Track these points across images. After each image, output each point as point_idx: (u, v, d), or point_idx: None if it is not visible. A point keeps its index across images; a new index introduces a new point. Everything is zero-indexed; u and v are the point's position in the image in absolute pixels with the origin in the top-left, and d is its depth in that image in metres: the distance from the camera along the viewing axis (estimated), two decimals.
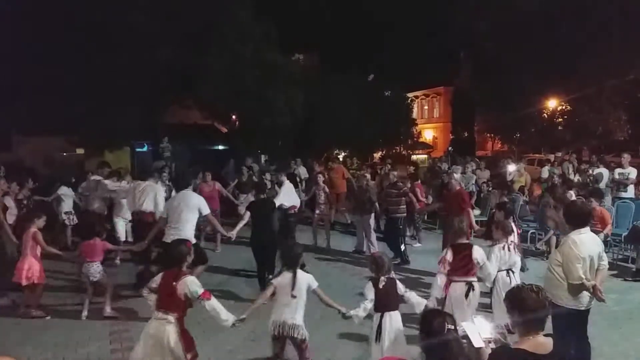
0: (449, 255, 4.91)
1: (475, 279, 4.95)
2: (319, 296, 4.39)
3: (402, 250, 8.82)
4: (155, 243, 6.63)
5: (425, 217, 12.30)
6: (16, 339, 5.54)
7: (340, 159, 25.92)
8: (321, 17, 32.29)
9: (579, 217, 4.36)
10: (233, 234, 6.89)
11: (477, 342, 2.86)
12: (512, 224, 6.02)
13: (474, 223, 8.10)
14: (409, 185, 9.93)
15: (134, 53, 14.45)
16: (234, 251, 9.14)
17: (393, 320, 4.21)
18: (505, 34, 22.39)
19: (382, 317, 4.20)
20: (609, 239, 8.58)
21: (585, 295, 4.22)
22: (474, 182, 13.02)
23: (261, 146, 21.04)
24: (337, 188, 12.31)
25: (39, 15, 13.24)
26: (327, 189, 10.17)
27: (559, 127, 25.42)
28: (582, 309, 4.28)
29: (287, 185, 8.89)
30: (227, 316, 4.10)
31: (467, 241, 5.13)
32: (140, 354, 3.98)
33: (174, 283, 3.97)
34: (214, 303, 4.07)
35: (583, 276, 4.13)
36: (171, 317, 3.97)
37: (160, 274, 4.17)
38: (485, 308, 5.52)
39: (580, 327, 4.36)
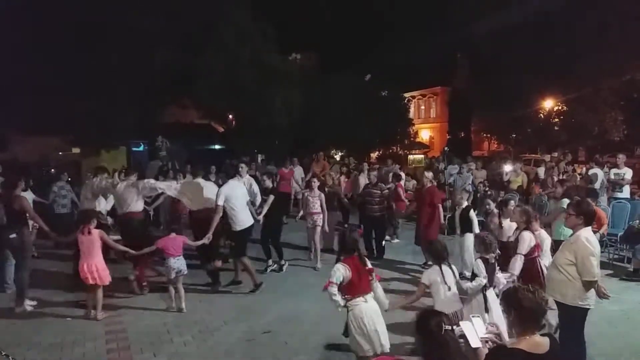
0: (533, 239, 5.35)
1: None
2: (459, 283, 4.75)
3: (383, 245, 9.24)
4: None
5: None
6: (12, 339, 5.51)
7: (337, 159, 25.93)
8: (319, 17, 32.33)
9: (590, 215, 4.39)
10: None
11: (475, 342, 2.86)
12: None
13: (442, 219, 8.46)
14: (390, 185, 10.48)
15: (131, 53, 14.42)
16: None
17: (492, 294, 4.74)
18: (502, 34, 22.46)
19: (487, 291, 4.70)
20: (604, 239, 8.61)
21: (593, 292, 4.25)
22: (470, 181, 13.03)
23: (258, 146, 21.03)
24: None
25: (37, 15, 13.19)
26: (322, 197, 8.81)
27: (555, 128, 25.51)
28: (591, 306, 4.31)
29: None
30: (386, 300, 4.47)
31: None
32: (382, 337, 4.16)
33: (362, 267, 4.23)
34: (379, 285, 4.44)
35: (599, 272, 4.18)
36: (371, 294, 4.25)
37: (342, 266, 4.17)
38: None
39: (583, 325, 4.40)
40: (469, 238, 7.69)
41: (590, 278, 4.16)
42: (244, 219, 7.10)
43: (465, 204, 7.89)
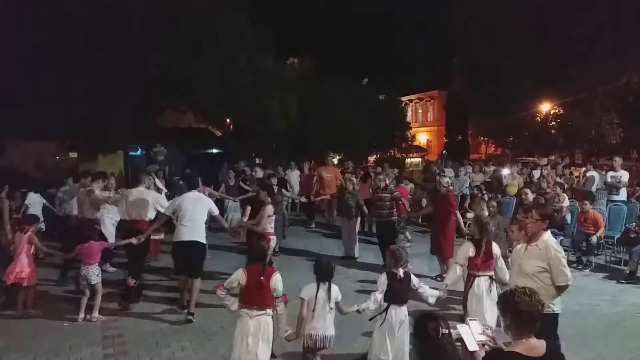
0: (471, 251, 5.08)
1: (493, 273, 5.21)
2: (338, 308, 4.49)
3: None
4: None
5: (420, 220, 12.37)
6: (8, 344, 5.48)
7: (335, 162, 25.95)
8: (316, 21, 32.45)
9: (552, 217, 4.29)
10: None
11: (472, 346, 2.86)
12: None
13: (462, 225, 8.15)
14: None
15: (128, 57, 14.41)
16: (223, 257, 9.18)
17: (400, 313, 4.45)
18: (499, 38, 22.54)
19: (387, 308, 4.44)
20: (601, 241, 8.65)
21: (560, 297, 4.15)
22: (467, 185, 13.07)
23: (256, 150, 21.05)
24: (331, 189, 12.21)
25: (33, 19, 13.18)
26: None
27: (552, 131, 25.58)
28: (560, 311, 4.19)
29: None
30: (286, 327, 4.30)
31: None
32: (239, 355, 4.10)
33: (262, 278, 4.09)
34: (284, 309, 4.26)
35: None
36: (269, 311, 4.16)
37: (241, 271, 4.18)
38: None
39: None
40: None
41: (566, 282, 4.02)
42: (182, 233, 6.36)
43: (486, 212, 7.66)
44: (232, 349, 4.22)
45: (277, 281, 4.19)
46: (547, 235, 4.14)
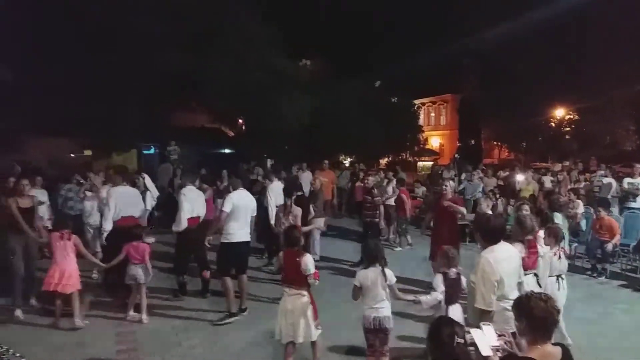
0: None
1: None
2: (393, 292, 4.57)
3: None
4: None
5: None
6: (26, 339, 5.55)
7: (347, 165, 25.92)
8: (329, 23, 32.43)
9: (488, 231, 3.77)
10: None
11: (485, 350, 2.83)
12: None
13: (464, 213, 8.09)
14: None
15: (141, 56, 14.55)
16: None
17: (456, 313, 4.50)
18: (513, 42, 22.41)
19: (447, 309, 4.54)
20: (617, 249, 8.54)
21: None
22: (480, 189, 12.98)
23: (267, 150, 21.10)
24: (327, 192, 12.19)
25: (48, 17, 13.36)
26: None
27: (566, 137, 25.37)
28: None
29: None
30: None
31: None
32: (283, 329, 4.55)
33: (298, 259, 4.49)
34: (315, 284, 4.56)
35: (493, 301, 3.51)
36: (304, 291, 4.51)
37: (282, 254, 4.74)
38: None
39: None
40: None
41: (481, 305, 3.48)
42: (235, 232, 6.39)
43: (489, 212, 7.64)
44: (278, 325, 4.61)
45: (307, 262, 4.48)
46: (487, 252, 3.66)
